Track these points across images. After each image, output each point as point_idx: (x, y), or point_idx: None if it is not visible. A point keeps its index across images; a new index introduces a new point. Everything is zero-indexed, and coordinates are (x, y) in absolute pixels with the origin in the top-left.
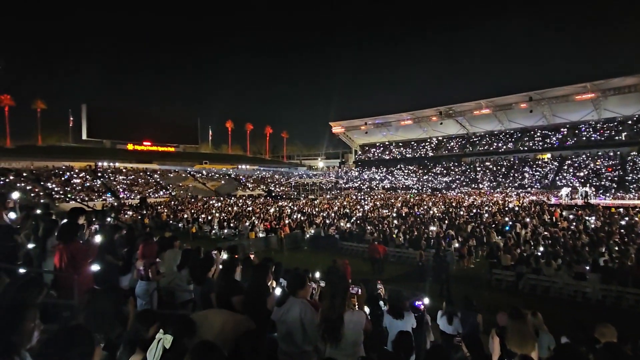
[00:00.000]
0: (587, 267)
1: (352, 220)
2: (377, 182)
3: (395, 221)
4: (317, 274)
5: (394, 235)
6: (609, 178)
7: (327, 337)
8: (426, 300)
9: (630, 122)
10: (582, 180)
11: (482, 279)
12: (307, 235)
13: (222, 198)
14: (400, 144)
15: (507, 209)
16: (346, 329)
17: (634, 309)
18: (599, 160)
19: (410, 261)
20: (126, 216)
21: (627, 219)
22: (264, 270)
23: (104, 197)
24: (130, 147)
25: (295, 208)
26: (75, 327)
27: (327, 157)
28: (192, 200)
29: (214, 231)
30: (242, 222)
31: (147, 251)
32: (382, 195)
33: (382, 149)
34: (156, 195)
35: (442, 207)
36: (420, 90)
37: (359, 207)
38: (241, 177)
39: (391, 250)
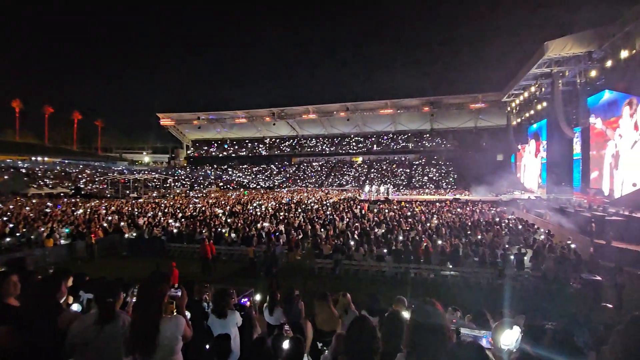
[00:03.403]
0: (385, 250)
1: (182, 220)
2: (211, 179)
3: (228, 219)
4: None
5: (226, 233)
6: (401, 178)
7: (139, 350)
8: (257, 297)
9: (415, 135)
10: (384, 180)
11: (307, 269)
12: (126, 238)
13: (3, 198)
14: (235, 142)
15: (328, 204)
16: (162, 337)
17: (414, 279)
18: (394, 164)
19: (243, 258)
20: None
21: (411, 210)
22: (52, 285)
23: None
24: None
25: (112, 208)
26: None
27: (155, 151)
28: None
29: None
30: (34, 227)
31: None
32: (215, 193)
33: (216, 146)
34: None
35: (274, 203)
36: (254, 90)
37: (190, 205)
38: (36, 171)
39: (223, 248)
